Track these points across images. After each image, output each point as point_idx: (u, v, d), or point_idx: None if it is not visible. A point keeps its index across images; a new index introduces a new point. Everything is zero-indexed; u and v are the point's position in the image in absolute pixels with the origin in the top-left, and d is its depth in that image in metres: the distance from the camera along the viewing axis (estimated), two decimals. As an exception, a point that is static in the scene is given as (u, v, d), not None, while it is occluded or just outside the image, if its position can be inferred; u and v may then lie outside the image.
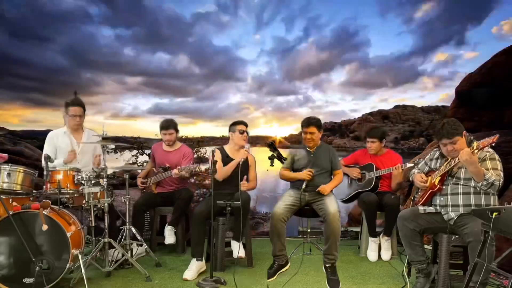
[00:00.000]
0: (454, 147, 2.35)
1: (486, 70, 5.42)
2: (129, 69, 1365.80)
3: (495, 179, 2.24)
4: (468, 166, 2.29)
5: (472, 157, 2.22)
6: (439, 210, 2.50)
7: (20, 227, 2.39)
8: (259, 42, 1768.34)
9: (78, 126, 3.32)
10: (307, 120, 3.13)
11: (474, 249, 2.17)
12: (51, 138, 3.29)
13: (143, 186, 3.69)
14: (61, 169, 2.81)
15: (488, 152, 2.35)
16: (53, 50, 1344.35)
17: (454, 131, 2.33)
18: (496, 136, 2.16)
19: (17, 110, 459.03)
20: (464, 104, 6.12)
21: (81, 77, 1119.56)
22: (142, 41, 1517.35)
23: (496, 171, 2.30)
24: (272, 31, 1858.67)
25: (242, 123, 3.26)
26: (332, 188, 3.07)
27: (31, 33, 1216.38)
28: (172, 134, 3.61)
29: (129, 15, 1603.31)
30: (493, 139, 2.15)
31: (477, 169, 2.26)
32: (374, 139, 3.55)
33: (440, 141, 2.43)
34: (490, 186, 2.26)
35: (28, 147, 10.07)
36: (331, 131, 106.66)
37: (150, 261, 3.23)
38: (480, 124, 5.75)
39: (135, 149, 6.02)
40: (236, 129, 3.22)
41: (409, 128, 26.33)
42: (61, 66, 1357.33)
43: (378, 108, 21.73)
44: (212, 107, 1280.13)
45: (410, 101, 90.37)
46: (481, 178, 2.27)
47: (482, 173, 2.26)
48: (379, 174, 3.45)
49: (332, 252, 2.76)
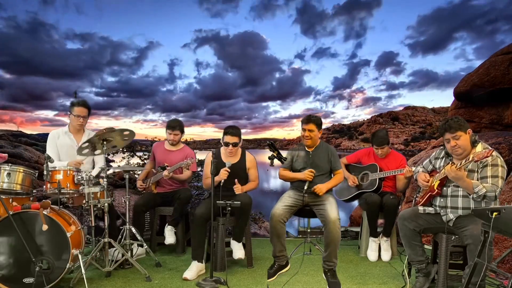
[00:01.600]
0: (457, 143, 2.33)
1: (483, 70, 5.42)
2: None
3: (488, 191, 2.20)
4: (456, 181, 2.31)
5: (458, 174, 2.24)
6: (439, 211, 2.50)
7: (20, 227, 2.39)
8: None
9: (80, 127, 3.33)
10: (307, 117, 3.08)
11: (472, 252, 2.18)
12: (53, 138, 3.30)
13: (143, 187, 3.69)
14: (61, 169, 2.81)
15: (490, 156, 2.28)
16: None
17: (457, 126, 2.32)
18: (491, 150, 2.15)
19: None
20: (464, 105, 6.12)
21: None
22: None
23: (494, 179, 2.25)
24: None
25: (230, 133, 3.05)
26: (328, 188, 2.99)
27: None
28: (177, 135, 3.62)
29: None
30: (489, 153, 2.12)
31: (465, 184, 2.27)
32: (383, 145, 3.50)
33: (444, 136, 2.41)
34: (482, 198, 2.25)
35: (27, 150, 10.07)
36: (340, 133, 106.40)
37: (150, 261, 3.23)
38: (480, 125, 5.76)
39: (128, 151, 6.00)
40: (223, 140, 3.10)
41: (419, 129, 26.13)
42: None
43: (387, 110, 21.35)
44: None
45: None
46: (471, 192, 2.27)
47: (471, 187, 2.25)
48: (383, 176, 3.43)
49: (331, 259, 2.75)
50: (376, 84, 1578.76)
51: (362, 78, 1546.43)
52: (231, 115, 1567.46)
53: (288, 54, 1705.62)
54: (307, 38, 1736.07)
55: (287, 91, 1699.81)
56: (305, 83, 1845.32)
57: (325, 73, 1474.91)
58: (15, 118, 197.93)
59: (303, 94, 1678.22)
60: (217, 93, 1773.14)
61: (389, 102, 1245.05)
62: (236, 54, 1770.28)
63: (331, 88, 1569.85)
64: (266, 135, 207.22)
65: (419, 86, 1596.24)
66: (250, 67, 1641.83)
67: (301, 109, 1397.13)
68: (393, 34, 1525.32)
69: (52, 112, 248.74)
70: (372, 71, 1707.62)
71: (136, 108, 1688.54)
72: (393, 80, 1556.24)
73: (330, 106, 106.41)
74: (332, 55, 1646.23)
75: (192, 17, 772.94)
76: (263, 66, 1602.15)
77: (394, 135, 34.24)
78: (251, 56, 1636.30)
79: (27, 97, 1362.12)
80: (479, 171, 2.32)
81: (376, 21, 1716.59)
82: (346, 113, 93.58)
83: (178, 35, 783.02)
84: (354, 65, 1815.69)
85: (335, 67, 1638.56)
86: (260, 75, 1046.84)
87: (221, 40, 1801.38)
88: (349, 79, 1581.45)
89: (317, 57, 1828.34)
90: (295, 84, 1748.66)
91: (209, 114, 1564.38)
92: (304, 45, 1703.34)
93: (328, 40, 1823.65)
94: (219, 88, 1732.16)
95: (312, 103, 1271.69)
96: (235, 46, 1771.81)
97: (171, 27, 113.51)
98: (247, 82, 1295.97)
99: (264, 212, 6.69)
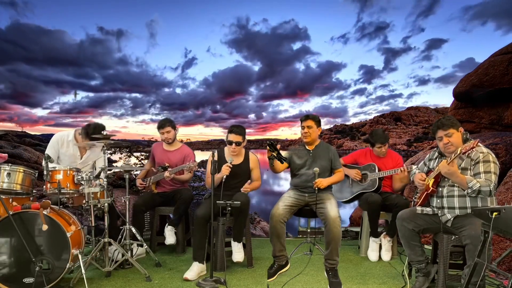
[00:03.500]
0: (449, 140, 2.36)
1: (482, 70, 5.43)
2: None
3: (481, 186, 2.22)
4: (450, 177, 2.33)
5: (451, 169, 2.26)
6: (436, 212, 2.50)
7: (20, 227, 2.38)
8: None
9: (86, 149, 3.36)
10: (306, 115, 3.16)
11: (471, 252, 2.19)
12: (56, 142, 3.30)
13: (143, 186, 3.69)
14: (61, 169, 2.81)
15: (481, 153, 2.33)
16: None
17: (449, 123, 2.37)
18: (477, 140, 2.20)
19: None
20: (463, 105, 6.13)
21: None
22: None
23: (487, 175, 2.27)
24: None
25: (234, 132, 3.07)
26: (329, 183, 3.02)
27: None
28: (169, 132, 3.60)
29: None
30: (474, 144, 2.18)
31: (458, 179, 2.29)
32: (385, 144, 3.54)
33: (436, 134, 2.45)
34: (477, 193, 2.26)
35: (27, 150, 10.07)
36: (342, 133, 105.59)
37: (150, 261, 3.23)
38: (480, 125, 5.76)
39: (125, 151, 6.01)
40: (227, 139, 3.11)
41: (422, 129, 25.92)
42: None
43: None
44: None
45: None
46: (466, 187, 2.28)
47: (464, 182, 2.26)
48: (382, 175, 3.44)
49: (333, 258, 2.76)
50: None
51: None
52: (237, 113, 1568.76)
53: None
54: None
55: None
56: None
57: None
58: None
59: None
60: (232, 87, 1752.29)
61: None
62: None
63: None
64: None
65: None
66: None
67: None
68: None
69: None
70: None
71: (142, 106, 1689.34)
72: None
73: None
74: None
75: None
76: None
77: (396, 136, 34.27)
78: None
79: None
80: (471, 168, 2.35)
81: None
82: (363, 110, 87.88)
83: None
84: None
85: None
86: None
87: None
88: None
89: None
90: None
91: (215, 112, 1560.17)
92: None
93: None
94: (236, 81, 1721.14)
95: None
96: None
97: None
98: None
99: (259, 212, 6.71)
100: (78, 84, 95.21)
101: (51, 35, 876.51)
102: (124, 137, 7.06)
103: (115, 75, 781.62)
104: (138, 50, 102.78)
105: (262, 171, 3.36)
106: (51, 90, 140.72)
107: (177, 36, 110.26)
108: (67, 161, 3.30)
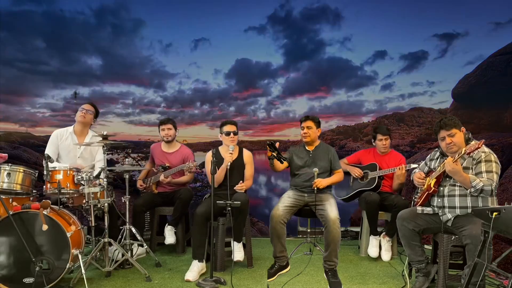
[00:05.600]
0: (452, 140, 2.35)
1: (481, 71, 5.44)
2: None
3: (484, 185, 2.22)
4: (454, 175, 2.32)
5: (455, 167, 2.25)
6: (437, 211, 2.50)
7: (20, 227, 2.38)
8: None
9: (83, 119, 3.27)
10: (306, 115, 3.19)
11: (471, 252, 2.19)
12: (55, 137, 3.29)
13: (143, 187, 3.69)
14: (61, 169, 2.80)
15: (483, 153, 2.34)
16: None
17: (452, 124, 2.36)
18: (481, 141, 2.19)
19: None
20: (463, 106, 6.13)
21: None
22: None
23: (489, 174, 2.27)
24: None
25: (229, 123, 3.23)
26: (328, 183, 3.03)
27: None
28: (170, 129, 3.59)
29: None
30: (479, 144, 2.17)
31: (462, 178, 2.28)
32: (386, 136, 3.54)
33: (439, 134, 2.44)
34: (480, 192, 2.25)
35: (26, 151, 10.03)
36: (344, 134, 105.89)
37: (150, 261, 3.23)
38: (479, 126, 5.76)
39: (123, 152, 6.01)
40: (224, 131, 3.20)
41: (425, 130, 26.28)
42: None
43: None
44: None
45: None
46: (469, 186, 2.28)
47: (468, 181, 2.26)
48: (382, 173, 3.44)
49: (332, 259, 2.76)
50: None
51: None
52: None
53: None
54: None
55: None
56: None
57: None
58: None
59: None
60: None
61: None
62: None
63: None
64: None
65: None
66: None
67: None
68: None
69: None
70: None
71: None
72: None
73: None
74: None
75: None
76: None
77: (399, 137, 34.30)
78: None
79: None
80: (473, 167, 2.35)
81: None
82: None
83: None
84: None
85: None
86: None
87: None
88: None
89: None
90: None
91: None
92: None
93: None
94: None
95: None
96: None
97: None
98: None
99: (255, 212, 6.68)
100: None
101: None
102: (124, 138, 7.02)
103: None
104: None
105: (261, 171, 3.37)
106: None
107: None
108: (66, 154, 3.26)
